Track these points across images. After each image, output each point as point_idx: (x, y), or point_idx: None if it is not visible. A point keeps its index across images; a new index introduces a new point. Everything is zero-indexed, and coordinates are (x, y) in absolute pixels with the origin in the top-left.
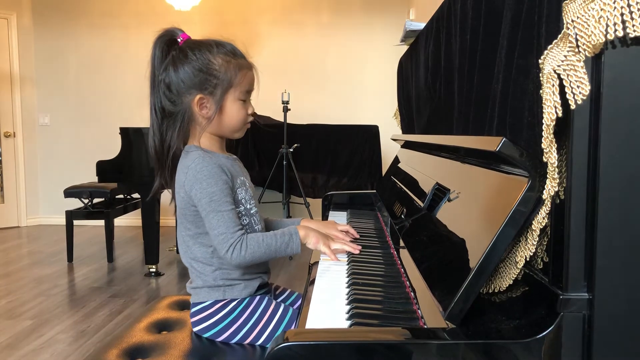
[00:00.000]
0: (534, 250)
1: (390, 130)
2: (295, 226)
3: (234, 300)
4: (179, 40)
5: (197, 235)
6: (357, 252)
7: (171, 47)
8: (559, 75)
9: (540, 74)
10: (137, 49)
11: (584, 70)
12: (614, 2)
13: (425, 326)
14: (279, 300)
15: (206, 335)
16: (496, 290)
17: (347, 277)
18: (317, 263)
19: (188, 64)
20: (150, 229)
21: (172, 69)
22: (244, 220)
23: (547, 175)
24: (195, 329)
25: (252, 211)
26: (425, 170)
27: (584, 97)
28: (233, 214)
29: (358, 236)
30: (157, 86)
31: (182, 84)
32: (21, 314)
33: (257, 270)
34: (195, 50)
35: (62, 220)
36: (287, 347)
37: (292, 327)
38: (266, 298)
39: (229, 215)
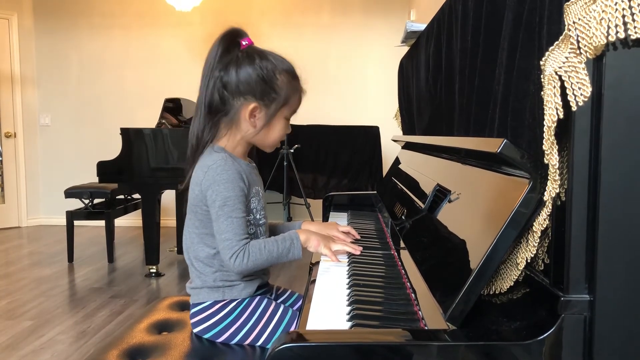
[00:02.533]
0: (534, 252)
1: (391, 131)
2: (295, 230)
3: (234, 300)
4: (243, 42)
5: (203, 234)
6: (358, 253)
7: (235, 47)
8: (560, 76)
9: (542, 76)
10: (138, 50)
11: (585, 71)
12: (615, 4)
13: (426, 327)
14: (279, 300)
15: (206, 336)
16: (497, 292)
17: (348, 278)
18: (317, 263)
19: (253, 69)
20: (151, 230)
21: (234, 69)
22: (251, 230)
23: (548, 177)
24: (195, 330)
25: (260, 222)
26: (426, 171)
27: (585, 99)
28: (242, 221)
29: (359, 237)
30: (209, 81)
31: (240, 86)
32: (21, 314)
33: (257, 271)
34: (263, 60)
35: (62, 221)
36: (288, 348)
37: (292, 328)
38: (266, 298)
39: (239, 222)
